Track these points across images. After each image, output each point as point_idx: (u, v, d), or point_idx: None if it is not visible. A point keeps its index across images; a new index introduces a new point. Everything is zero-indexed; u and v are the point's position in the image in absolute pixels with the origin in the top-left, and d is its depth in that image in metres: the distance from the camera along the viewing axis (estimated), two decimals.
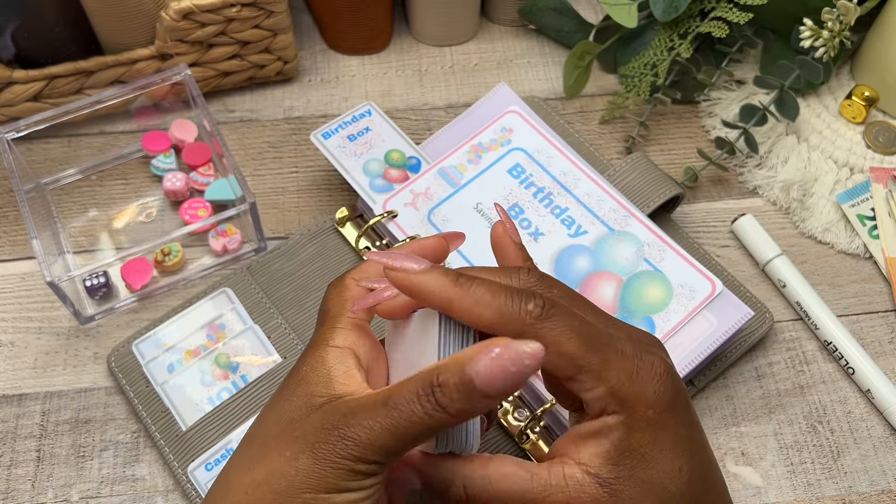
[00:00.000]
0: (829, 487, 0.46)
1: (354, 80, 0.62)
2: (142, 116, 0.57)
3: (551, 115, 0.56)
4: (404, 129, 0.58)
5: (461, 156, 0.51)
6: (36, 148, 0.56)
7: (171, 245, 0.51)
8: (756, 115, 0.55)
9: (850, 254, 0.54)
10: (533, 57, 0.63)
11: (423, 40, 0.64)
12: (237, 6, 0.54)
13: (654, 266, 0.47)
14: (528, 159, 0.51)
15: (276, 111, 0.60)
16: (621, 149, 0.58)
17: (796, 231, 0.55)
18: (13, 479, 0.45)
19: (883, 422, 0.48)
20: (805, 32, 0.53)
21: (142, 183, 0.56)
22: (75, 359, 0.49)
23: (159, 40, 0.55)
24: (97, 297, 0.50)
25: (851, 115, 0.58)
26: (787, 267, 0.52)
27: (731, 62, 0.60)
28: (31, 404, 0.47)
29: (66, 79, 0.55)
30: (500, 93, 0.54)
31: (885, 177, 0.56)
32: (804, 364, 0.50)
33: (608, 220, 0.48)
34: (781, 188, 0.56)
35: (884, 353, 0.50)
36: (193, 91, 0.52)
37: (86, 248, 0.53)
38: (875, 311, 0.52)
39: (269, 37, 0.57)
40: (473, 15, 0.63)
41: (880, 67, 0.58)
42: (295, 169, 0.57)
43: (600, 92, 0.61)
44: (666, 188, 0.51)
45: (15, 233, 0.54)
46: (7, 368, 0.49)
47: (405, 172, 0.52)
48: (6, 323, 0.50)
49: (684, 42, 0.56)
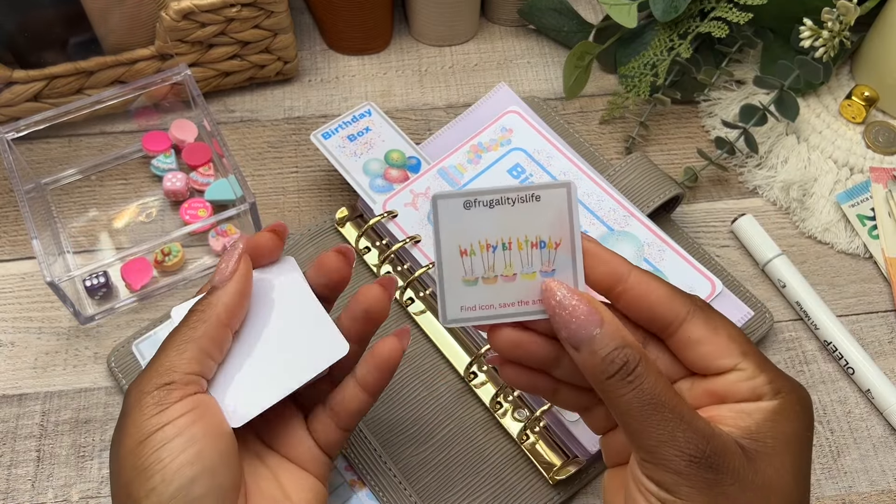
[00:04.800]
0: (828, 487, 0.46)
1: (354, 80, 0.62)
2: (142, 116, 0.57)
3: (551, 115, 0.56)
4: (404, 129, 0.58)
5: (461, 156, 0.51)
6: (36, 148, 0.56)
7: (171, 245, 0.51)
8: (756, 115, 0.55)
9: (849, 254, 0.54)
10: (533, 57, 0.63)
11: (423, 40, 0.64)
12: (237, 6, 0.54)
13: (654, 266, 0.47)
14: (527, 159, 0.51)
15: (276, 111, 0.60)
16: (621, 149, 0.58)
17: (796, 231, 0.55)
18: (13, 479, 0.45)
19: (883, 422, 0.48)
20: (805, 32, 0.53)
21: (142, 183, 0.56)
22: (75, 359, 0.49)
23: (159, 40, 0.55)
24: (97, 297, 0.50)
25: (851, 115, 0.58)
26: (786, 267, 0.52)
27: (731, 62, 0.60)
28: (31, 404, 0.47)
29: (66, 79, 0.55)
30: (500, 93, 0.54)
31: (885, 177, 0.56)
32: (804, 364, 0.50)
33: (608, 220, 0.48)
34: (781, 188, 0.56)
35: (884, 353, 0.50)
36: (193, 91, 0.52)
37: (86, 248, 0.53)
38: (875, 311, 0.52)
39: (269, 37, 0.57)
40: (473, 15, 0.63)
41: (880, 67, 0.58)
42: (295, 169, 0.57)
43: (600, 92, 0.61)
44: (666, 188, 0.51)
45: (15, 233, 0.54)
46: (7, 368, 0.49)
47: (405, 172, 0.52)
48: (6, 323, 0.50)
49: (684, 42, 0.56)
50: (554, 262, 0.32)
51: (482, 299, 0.33)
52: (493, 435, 0.46)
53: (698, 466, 0.29)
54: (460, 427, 0.46)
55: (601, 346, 0.30)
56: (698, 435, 0.30)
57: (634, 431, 0.30)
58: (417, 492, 0.44)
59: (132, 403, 0.32)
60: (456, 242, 0.32)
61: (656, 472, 0.30)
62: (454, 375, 0.47)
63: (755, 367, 0.32)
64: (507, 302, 0.33)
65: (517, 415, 0.46)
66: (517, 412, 0.46)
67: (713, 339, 0.32)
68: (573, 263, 0.32)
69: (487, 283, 0.32)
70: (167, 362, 0.33)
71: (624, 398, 0.30)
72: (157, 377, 0.32)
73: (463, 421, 0.46)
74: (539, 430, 0.45)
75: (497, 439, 0.46)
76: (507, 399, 0.46)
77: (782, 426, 0.31)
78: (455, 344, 0.48)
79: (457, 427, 0.46)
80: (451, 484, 0.44)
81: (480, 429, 0.46)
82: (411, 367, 0.47)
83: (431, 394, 0.47)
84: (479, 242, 0.32)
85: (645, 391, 0.30)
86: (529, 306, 0.32)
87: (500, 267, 0.32)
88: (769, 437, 0.30)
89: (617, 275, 0.32)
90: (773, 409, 0.31)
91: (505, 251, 0.32)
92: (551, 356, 0.33)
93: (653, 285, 0.32)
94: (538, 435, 0.45)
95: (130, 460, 0.31)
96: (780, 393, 0.31)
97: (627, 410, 0.30)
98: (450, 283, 0.33)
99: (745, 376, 0.31)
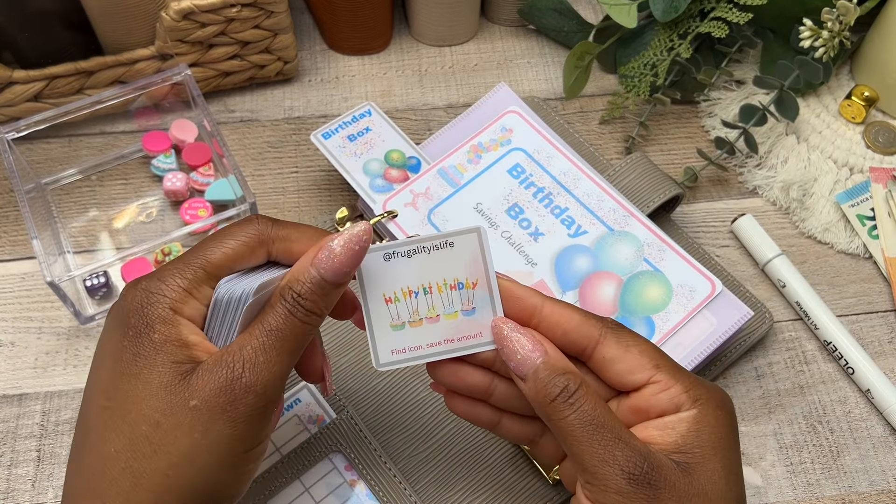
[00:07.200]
0: (828, 487, 0.46)
1: (354, 80, 0.62)
2: (142, 116, 0.57)
3: (551, 115, 0.56)
4: (404, 129, 0.58)
5: (461, 156, 0.51)
6: (36, 148, 0.56)
7: (172, 245, 0.51)
8: (756, 115, 0.55)
9: (849, 254, 0.54)
10: (533, 57, 0.63)
11: (423, 40, 0.64)
12: (237, 6, 0.54)
13: (654, 266, 0.47)
14: (527, 159, 0.51)
15: (276, 111, 0.60)
16: (621, 149, 0.58)
17: (796, 231, 0.55)
18: (13, 479, 0.45)
19: (883, 422, 0.48)
20: (805, 32, 0.53)
21: (142, 183, 0.56)
22: (75, 359, 0.49)
23: (159, 40, 0.55)
24: (97, 297, 0.50)
25: (851, 115, 0.58)
26: (786, 267, 0.52)
27: (731, 62, 0.60)
28: (31, 404, 0.48)
29: (66, 79, 0.55)
30: (499, 93, 0.54)
31: (885, 177, 0.56)
32: (804, 364, 0.50)
33: (608, 220, 0.48)
34: (781, 188, 0.56)
35: (883, 353, 0.50)
36: (193, 91, 0.52)
37: (86, 248, 0.53)
38: (875, 311, 0.52)
39: (269, 37, 0.57)
40: (473, 15, 0.63)
41: (880, 67, 0.58)
42: (295, 169, 0.57)
43: (600, 92, 0.61)
44: (666, 188, 0.51)
45: (15, 233, 0.54)
46: (7, 368, 0.49)
47: (405, 172, 0.52)
48: (6, 323, 0.50)
49: (684, 42, 0.56)
50: (473, 301, 0.35)
51: (410, 342, 0.35)
52: (492, 435, 0.46)
53: (638, 484, 0.31)
54: (460, 427, 0.46)
55: (544, 373, 0.33)
56: (636, 453, 0.31)
57: (577, 453, 0.32)
58: (417, 492, 0.44)
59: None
60: (380, 292, 0.35)
61: (599, 494, 0.32)
62: None
63: (669, 377, 0.33)
64: (433, 342, 0.35)
65: None
66: None
67: (625, 357, 0.34)
68: (491, 300, 0.35)
69: (414, 326, 0.35)
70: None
71: (566, 420, 0.32)
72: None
73: (463, 421, 0.46)
74: None
75: (497, 439, 0.46)
76: None
77: (705, 434, 0.32)
78: None
79: (457, 427, 0.46)
80: (451, 484, 0.44)
81: (480, 429, 0.46)
82: (411, 367, 0.47)
83: (431, 394, 0.47)
84: (402, 290, 0.35)
85: (585, 412, 0.32)
86: (454, 343, 0.35)
87: (423, 310, 0.35)
88: (695, 447, 0.32)
89: (530, 308, 0.34)
90: (693, 419, 0.33)
91: (427, 295, 0.35)
92: (485, 384, 0.36)
93: (565, 314, 0.34)
94: None
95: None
96: (697, 400, 0.33)
97: (570, 432, 0.32)
98: (378, 330, 0.35)
99: (661, 388, 0.33)
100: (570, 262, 0.47)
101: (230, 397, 0.31)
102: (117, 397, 0.31)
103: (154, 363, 0.31)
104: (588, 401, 0.32)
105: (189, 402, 0.30)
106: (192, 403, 0.30)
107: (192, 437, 0.30)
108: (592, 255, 0.47)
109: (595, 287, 0.46)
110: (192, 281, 0.33)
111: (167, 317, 0.32)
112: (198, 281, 0.33)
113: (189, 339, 0.32)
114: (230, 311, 0.33)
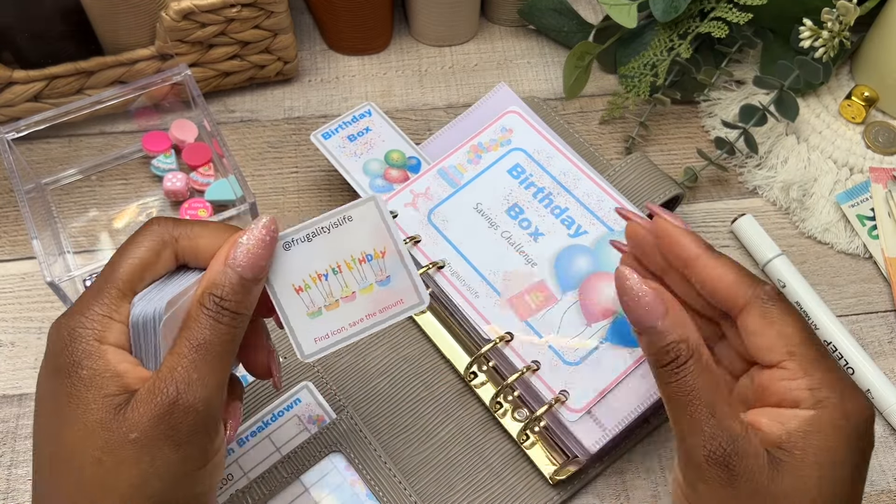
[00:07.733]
0: None
1: (354, 80, 0.62)
2: (142, 116, 0.57)
3: (551, 116, 0.56)
4: (404, 129, 0.58)
5: (461, 156, 0.51)
6: (36, 148, 0.56)
7: None
8: (756, 115, 0.55)
9: (849, 254, 0.54)
10: (533, 57, 0.64)
11: (423, 41, 0.64)
12: (237, 6, 0.54)
13: None
14: (527, 159, 0.51)
15: (276, 111, 0.60)
16: (621, 149, 0.58)
17: (796, 231, 0.55)
18: (13, 479, 0.45)
19: (883, 422, 0.48)
20: (805, 33, 0.53)
21: (142, 183, 0.56)
22: None
23: (159, 40, 0.55)
24: None
25: (851, 115, 0.58)
26: (786, 267, 0.52)
27: (731, 62, 0.60)
28: (31, 404, 0.47)
29: (66, 79, 0.55)
30: (499, 93, 0.54)
31: (885, 177, 0.56)
32: None
33: (608, 220, 0.48)
34: (781, 188, 0.56)
35: (883, 353, 0.50)
36: (193, 91, 0.52)
37: (86, 248, 0.53)
38: (875, 311, 0.52)
39: (269, 37, 0.57)
40: (473, 15, 0.63)
41: (880, 67, 0.58)
42: (295, 169, 0.57)
43: (600, 92, 0.62)
44: (666, 188, 0.51)
45: (15, 233, 0.54)
46: (7, 368, 0.49)
47: (405, 172, 0.52)
48: (6, 323, 0.50)
49: (684, 42, 0.56)
50: (386, 269, 0.34)
51: (332, 325, 0.34)
52: (492, 435, 0.46)
53: (715, 464, 0.30)
54: (460, 427, 0.46)
55: (659, 337, 0.32)
56: (724, 433, 0.31)
57: (673, 418, 0.32)
58: (417, 492, 0.44)
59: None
60: (288, 282, 0.34)
61: (681, 464, 0.32)
62: (454, 375, 0.47)
63: (799, 367, 0.32)
64: (355, 320, 0.34)
65: (517, 415, 0.46)
66: (517, 412, 0.46)
67: (764, 332, 0.33)
68: (404, 263, 0.34)
69: (331, 309, 0.34)
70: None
71: (669, 386, 0.32)
72: None
73: (463, 421, 0.46)
74: (539, 430, 0.45)
75: (497, 439, 0.46)
76: (507, 399, 0.46)
77: (814, 439, 0.31)
78: (455, 344, 0.48)
79: (457, 427, 0.46)
80: (451, 484, 0.44)
81: (480, 429, 0.46)
82: (411, 368, 0.47)
83: (431, 394, 0.47)
84: (311, 275, 0.34)
85: (686, 384, 0.31)
86: (377, 316, 0.34)
87: (337, 291, 0.34)
88: (797, 449, 0.31)
89: (686, 257, 0.34)
90: (807, 420, 0.31)
91: (337, 275, 0.34)
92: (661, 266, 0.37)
93: (718, 273, 0.34)
94: (538, 435, 0.45)
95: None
96: (820, 402, 0.31)
97: (670, 396, 0.32)
98: (296, 322, 0.34)
99: (787, 376, 0.32)
100: (570, 262, 0.47)
101: (171, 423, 0.30)
102: (61, 442, 0.30)
103: (87, 401, 0.30)
104: (694, 374, 0.32)
105: (129, 435, 0.30)
106: (132, 437, 0.30)
107: (139, 468, 0.30)
108: (592, 255, 0.47)
109: (595, 287, 0.46)
110: (108, 305, 0.31)
111: (93, 350, 0.31)
112: (114, 303, 0.32)
113: (118, 368, 0.31)
114: (149, 331, 0.32)
